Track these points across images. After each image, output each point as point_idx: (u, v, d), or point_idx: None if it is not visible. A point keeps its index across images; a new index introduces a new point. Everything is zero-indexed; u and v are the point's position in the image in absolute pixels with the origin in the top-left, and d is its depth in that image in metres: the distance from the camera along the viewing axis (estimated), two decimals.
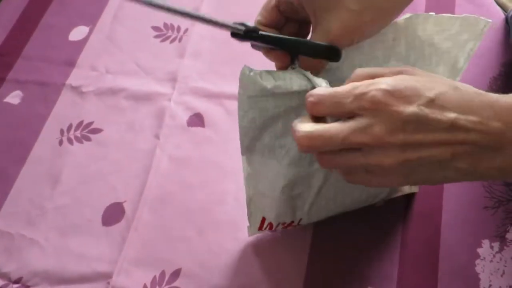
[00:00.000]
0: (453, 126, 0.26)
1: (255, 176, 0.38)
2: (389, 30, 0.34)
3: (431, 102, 0.26)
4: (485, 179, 0.29)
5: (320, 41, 0.31)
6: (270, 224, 0.42)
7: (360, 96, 0.27)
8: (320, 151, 0.29)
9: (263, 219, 0.42)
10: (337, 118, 0.29)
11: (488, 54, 0.57)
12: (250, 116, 0.34)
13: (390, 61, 0.35)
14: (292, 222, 0.42)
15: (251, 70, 0.33)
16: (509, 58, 0.57)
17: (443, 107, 0.26)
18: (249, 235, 0.44)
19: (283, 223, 0.42)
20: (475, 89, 0.28)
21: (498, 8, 0.61)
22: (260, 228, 0.43)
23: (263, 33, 0.31)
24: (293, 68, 0.33)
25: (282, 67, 0.35)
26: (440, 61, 0.36)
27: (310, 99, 0.29)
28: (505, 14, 0.60)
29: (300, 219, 0.42)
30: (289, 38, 0.32)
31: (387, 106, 0.26)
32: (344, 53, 0.33)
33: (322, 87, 0.29)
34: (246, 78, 0.33)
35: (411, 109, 0.26)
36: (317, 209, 0.41)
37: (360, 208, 0.45)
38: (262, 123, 0.34)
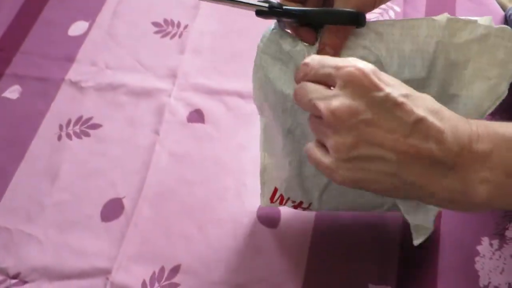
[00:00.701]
0: (417, 124, 0.26)
1: (269, 142, 0.39)
2: (424, 24, 0.33)
3: (406, 96, 0.26)
4: (434, 203, 0.29)
5: (343, 7, 0.32)
6: (281, 197, 0.42)
7: (339, 66, 0.27)
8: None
9: (275, 190, 0.41)
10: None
11: None
12: (261, 73, 0.35)
13: (416, 59, 0.33)
14: (302, 203, 0.42)
15: (275, 28, 0.34)
16: None
17: (415, 103, 0.26)
18: (262, 204, 0.44)
19: (293, 201, 0.42)
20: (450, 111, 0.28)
21: (498, 6, 0.61)
22: (272, 199, 0.42)
23: (287, 7, 0.31)
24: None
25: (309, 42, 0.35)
26: (474, 79, 0.34)
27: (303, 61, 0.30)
28: (504, 13, 0.60)
29: (310, 204, 0.42)
30: (312, 9, 0.32)
31: (358, 85, 0.26)
32: (373, 33, 0.33)
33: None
34: (267, 34, 0.34)
35: (387, 90, 0.26)
36: (328, 198, 0.41)
37: None
38: (269, 82, 0.35)
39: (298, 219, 0.46)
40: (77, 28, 0.62)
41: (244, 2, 0.31)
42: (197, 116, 0.54)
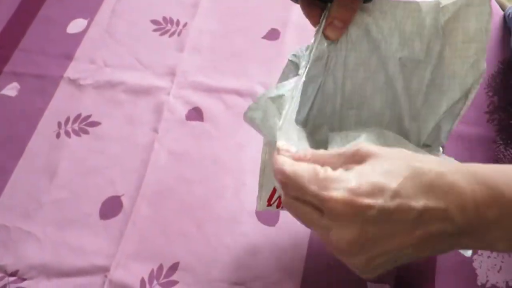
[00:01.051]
0: (420, 215, 0.25)
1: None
2: (425, 7, 0.33)
3: (396, 194, 0.25)
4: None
5: None
6: (279, 200, 0.42)
7: (321, 199, 0.26)
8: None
9: (274, 191, 0.41)
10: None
11: (487, 52, 0.57)
12: None
13: (415, 41, 0.34)
14: None
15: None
16: (508, 56, 0.57)
17: (408, 197, 0.25)
18: (258, 209, 0.42)
19: None
20: (438, 167, 0.26)
21: (497, 5, 0.61)
22: (269, 202, 0.42)
23: None
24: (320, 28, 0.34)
25: (315, 23, 0.36)
26: (454, 61, 0.35)
27: (278, 176, 0.28)
28: (503, 12, 0.61)
29: None
30: None
31: (350, 204, 0.25)
32: (378, 11, 0.33)
33: (287, 161, 0.28)
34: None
35: (374, 206, 0.25)
36: None
37: None
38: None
39: None
40: (75, 25, 0.62)
41: None
42: (196, 114, 0.54)
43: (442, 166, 0.26)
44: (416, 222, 0.25)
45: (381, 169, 0.26)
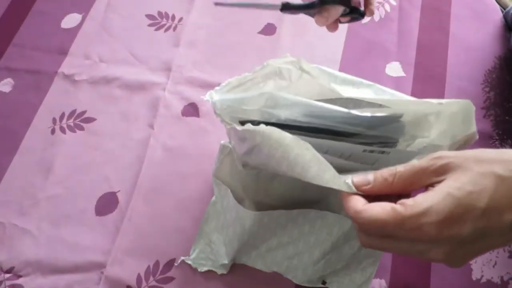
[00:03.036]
0: (510, 227, 0.25)
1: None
2: None
3: (485, 213, 0.24)
4: None
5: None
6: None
7: (413, 231, 0.25)
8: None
9: None
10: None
11: (485, 48, 0.57)
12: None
13: None
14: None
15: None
16: (505, 52, 0.57)
17: (498, 211, 0.24)
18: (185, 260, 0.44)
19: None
20: None
21: (497, 5, 0.61)
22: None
23: (293, 4, 0.40)
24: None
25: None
26: None
27: (360, 221, 0.27)
28: (503, 11, 0.60)
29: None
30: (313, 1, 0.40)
31: (442, 235, 0.25)
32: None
33: (358, 205, 0.27)
34: None
35: (467, 228, 0.24)
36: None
37: None
38: None
39: None
40: (70, 20, 0.61)
41: (265, 4, 0.39)
42: (191, 110, 0.53)
43: None
44: (509, 231, 0.25)
45: (466, 185, 0.25)
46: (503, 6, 0.62)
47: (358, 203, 0.27)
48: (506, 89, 0.54)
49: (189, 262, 0.44)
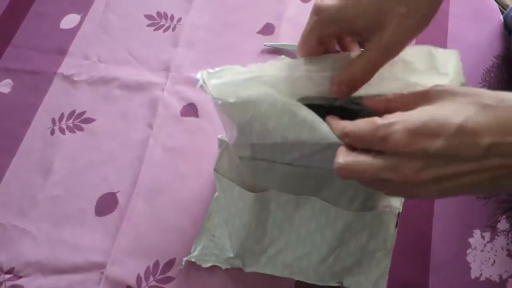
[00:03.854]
0: (487, 152, 0.24)
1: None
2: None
3: (460, 130, 0.24)
4: None
5: (375, 55, 0.29)
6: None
7: (383, 139, 0.25)
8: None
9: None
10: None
11: (483, 46, 0.57)
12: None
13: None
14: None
15: None
16: (503, 51, 0.57)
17: (475, 133, 0.24)
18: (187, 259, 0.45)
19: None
20: (510, 102, 0.24)
21: (497, 5, 0.61)
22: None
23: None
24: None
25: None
26: None
27: (345, 130, 0.28)
28: (502, 11, 0.61)
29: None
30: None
31: (413, 145, 0.24)
32: None
33: (352, 122, 0.28)
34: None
35: (438, 143, 0.24)
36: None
37: None
38: None
39: None
40: (69, 21, 0.61)
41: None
42: (190, 110, 0.54)
43: None
44: (484, 158, 0.24)
45: (448, 106, 0.25)
46: (502, 5, 0.62)
47: (347, 126, 0.28)
48: (505, 88, 0.54)
49: (193, 259, 0.44)
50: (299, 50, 0.32)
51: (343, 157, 0.28)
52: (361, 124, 0.27)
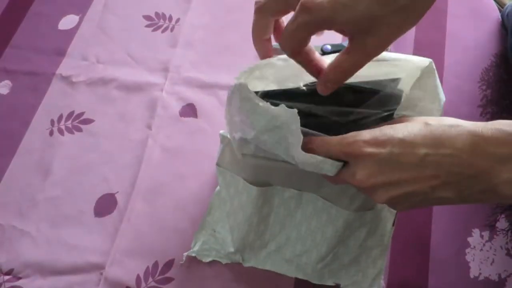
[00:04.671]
0: (423, 161, 0.28)
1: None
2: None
3: (401, 142, 0.29)
4: (476, 203, 0.34)
5: (360, 58, 0.31)
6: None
7: (345, 149, 0.30)
8: None
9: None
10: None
11: (481, 45, 0.57)
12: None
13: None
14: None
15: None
16: (501, 50, 0.57)
17: (413, 145, 0.28)
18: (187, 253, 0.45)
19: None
20: (453, 121, 0.29)
21: (494, 3, 0.61)
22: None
23: None
24: None
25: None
26: None
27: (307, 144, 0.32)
28: (500, 9, 0.61)
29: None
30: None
31: (364, 153, 0.29)
32: None
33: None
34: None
35: (384, 151, 0.29)
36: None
37: None
38: None
39: None
40: (67, 21, 0.61)
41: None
42: (189, 110, 0.54)
43: (454, 122, 0.29)
44: (421, 166, 0.28)
45: (399, 125, 0.30)
46: (499, 4, 0.62)
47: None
48: (503, 87, 0.54)
49: (193, 254, 0.44)
50: (285, 46, 0.32)
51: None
52: (330, 138, 0.32)
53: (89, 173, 0.50)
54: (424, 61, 0.34)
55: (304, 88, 0.34)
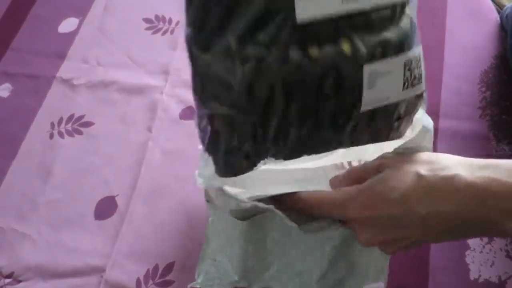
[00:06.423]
0: (425, 220, 0.29)
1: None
2: None
3: (398, 203, 0.29)
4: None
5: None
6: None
7: (341, 212, 0.31)
8: None
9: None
10: None
11: (481, 47, 0.57)
12: None
13: None
14: None
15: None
16: (500, 51, 0.57)
17: (411, 205, 0.29)
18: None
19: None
20: (446, 170, 0.29)
21: (493, 5, 0.62)
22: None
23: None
24: None
25: None
26: None
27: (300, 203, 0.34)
28: (499, 11, 0.61)
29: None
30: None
31: (362, 217, 0.30)
32: None
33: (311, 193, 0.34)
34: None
35: (381, 214, 0.29)
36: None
37: None
38: None
39: None
40: (67, 24, 0.61)
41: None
42: (189, 113, 0.54)
43: (451, 169, 0.28)
44: (424, 224, 0.29)
45: (389, 179, 0.30)
46: (499, 6, 0.62)
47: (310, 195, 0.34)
48: (502, 88, 0.54)
49: (197, 286, 0.43)
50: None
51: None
52: (320, 192, 0.33)
53: (90, 176, 0.50)
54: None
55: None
